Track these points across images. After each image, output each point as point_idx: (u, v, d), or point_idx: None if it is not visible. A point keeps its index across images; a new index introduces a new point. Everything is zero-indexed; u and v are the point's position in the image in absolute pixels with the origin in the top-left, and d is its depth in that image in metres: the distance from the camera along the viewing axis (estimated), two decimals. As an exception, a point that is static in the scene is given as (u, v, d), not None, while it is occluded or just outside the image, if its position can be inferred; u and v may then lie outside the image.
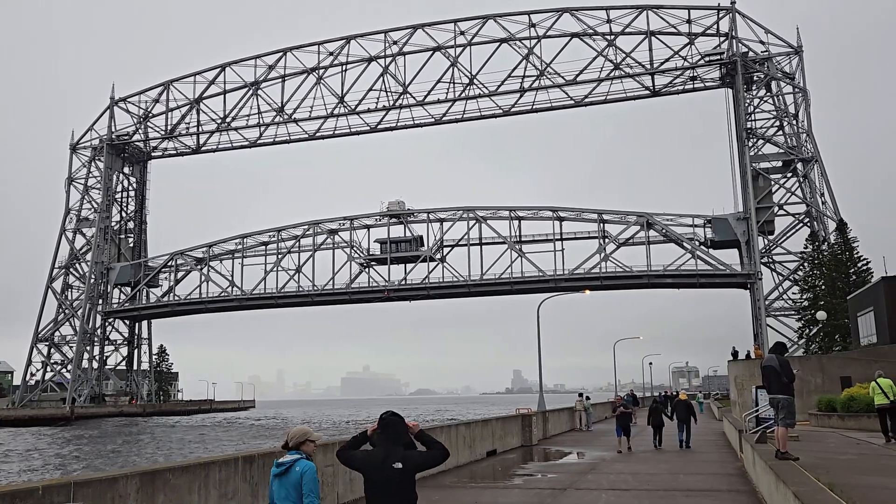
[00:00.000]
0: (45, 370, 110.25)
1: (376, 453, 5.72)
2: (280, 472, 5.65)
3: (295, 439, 5.82)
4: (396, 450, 5.67)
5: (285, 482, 5.60)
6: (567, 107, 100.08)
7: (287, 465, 5.65)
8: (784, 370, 12.76)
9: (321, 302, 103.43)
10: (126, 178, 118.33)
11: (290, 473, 5.62)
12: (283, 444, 5.91)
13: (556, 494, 14.33)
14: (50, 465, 38.57)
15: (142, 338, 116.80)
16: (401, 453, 5.66)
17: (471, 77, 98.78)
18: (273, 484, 5.67)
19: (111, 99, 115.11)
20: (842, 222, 73.17)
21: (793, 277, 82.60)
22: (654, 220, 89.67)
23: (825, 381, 34.52)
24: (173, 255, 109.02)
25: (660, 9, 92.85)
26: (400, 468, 5.58)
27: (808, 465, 11.72)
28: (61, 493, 7.00)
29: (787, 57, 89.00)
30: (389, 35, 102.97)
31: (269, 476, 5.81)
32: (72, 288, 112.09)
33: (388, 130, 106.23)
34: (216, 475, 9.56)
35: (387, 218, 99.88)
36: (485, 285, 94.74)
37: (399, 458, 5.61)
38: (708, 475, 17.30)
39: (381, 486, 5.60)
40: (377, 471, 5.63)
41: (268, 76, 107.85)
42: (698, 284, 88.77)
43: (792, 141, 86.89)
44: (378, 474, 5.62)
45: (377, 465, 5.64)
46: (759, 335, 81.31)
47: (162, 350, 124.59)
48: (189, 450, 46.49)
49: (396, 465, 5.58)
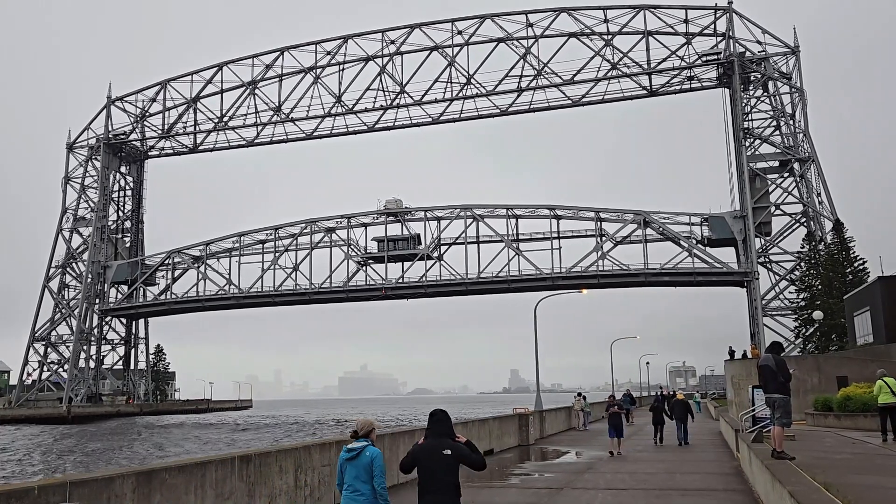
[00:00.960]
0: (41, 370, 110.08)
1: (428, 443, 6.74)
2: (351, 456, 6.70)
3: (364, 429, 6.90)
4: (444, 441, 6.71)
5: (356, 464, 6.65)
6: (564, 106, 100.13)
7: (358, 451, 6.69)
8: (781, 370, 12.78)
9: (319, 300, 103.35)
10: (123, 178, 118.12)
11: (360, 457, 6.66)
12: (353, 433, 6.95)
13: (552, 494, 14.34)
14: (46, 461, 38.50)
15: (139, 337, 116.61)
16: (449, 444, 6.69)
17: (468, 77, 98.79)
18: (344, 466, 6.70)
19: (108, 98, 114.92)
20: (838, 222, 73.26)
21: (789, 277, 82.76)
22: (651, 219, 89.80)
23: (821, 381, 34.58)
24: (170, 254, 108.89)
25: (657, 8, 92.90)
26: (448, 454, 6.61)
27: (804, 464, 11.74)
28: (57, 493, 7.00)
29: (784, 57, 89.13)
30: (387, 35, 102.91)
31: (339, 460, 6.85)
32: (68, 287, 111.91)
33: (386, 130, 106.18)
34: (212, 475, 9.56)
35: (384, 216, 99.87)
36: (482, 283, 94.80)
37: (448, 447, 6.65)
38: (704, 474, 17.33)
39: (432, 470, 6.60)
40: (428, 457, 6.65)
41: (265, 75, 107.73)
42: (695, 283, 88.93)
43: (789, 141, 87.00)
44: (429, 460, 6.63)
45: (429, 452, 6.67)
46: (755, 335, 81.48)
47: (159, 349, 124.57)
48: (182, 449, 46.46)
49: (446, 452, 6.63)
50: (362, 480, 6.59)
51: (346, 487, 6.66)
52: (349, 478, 6.65)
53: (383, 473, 6.67)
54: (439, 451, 6.63)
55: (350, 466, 6.67)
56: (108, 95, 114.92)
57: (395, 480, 14.61)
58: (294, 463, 11.58)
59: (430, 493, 6.58)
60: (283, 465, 11.24)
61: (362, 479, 6.60)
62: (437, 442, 6.71)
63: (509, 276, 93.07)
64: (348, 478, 6.66)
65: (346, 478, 6.67)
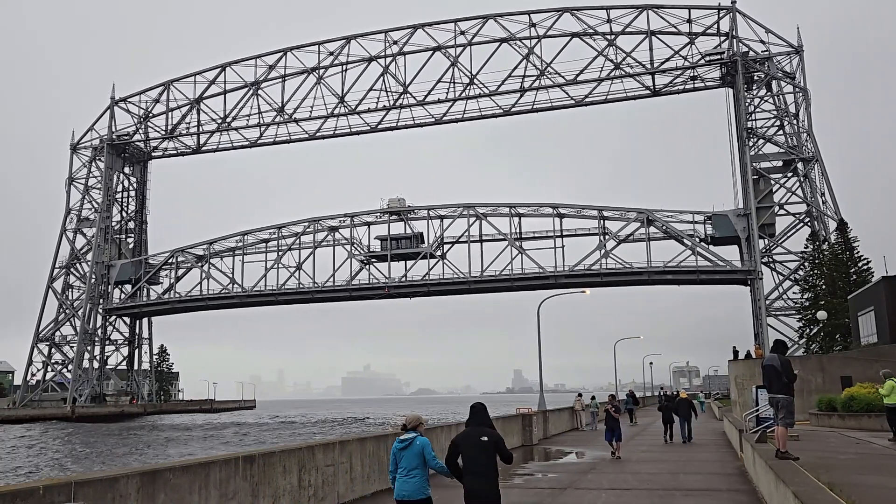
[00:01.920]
0: (45, 370, 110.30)
1: (468, 431, 7.93)
2: (404, 446, 7.90)
3: (413, 423, 8.18)
4: (482, 429, 7.86)
5: (409, 452, 7.86)
6: (567, 107, 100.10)
7: (409, 441, 7.90)
8: (785, 370, 12.74)
9: (322, 299, 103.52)
10: (126, 178, 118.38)
11: (412, 446, 7.85)
12: (402, 426, 8.21)
13: (555, 494, 14.34)
14: (50, 460, 38.59)
15: (142, 337, 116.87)
16: (486, 431, 7.84)
17: (471, 77, 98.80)
18: (399, 455, 7.89)
19: (111, 99, 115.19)
20: (842, 222, 73.13)
21: (793, 277, 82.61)
22: (655, 217, 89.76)
23: (825, 381, 34.53)
24: (174, 253, 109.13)
25: (660, 8, 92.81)
26: (486, 440, 7.74)
27: (807, 464, 11.72)
28: (62, 493, 7.02)
29: (788, 56, 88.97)
30: (390, 35, 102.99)
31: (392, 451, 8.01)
32: (72, 288, 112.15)
33: (389, 130, 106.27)
34: (216, 475, 9.58)
35: (387, 215, 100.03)
36: (485, 282, 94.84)
37: (486, 434, 7.78)
38: (708, 475, 17.31)
39: (473, 454, 7.73)
40: (469, 443, 7.79)
41: (268, 76, 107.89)
42: (698, 281, 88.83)
43: (792, 140, 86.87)
44: (469, 446, 7.78)
45: (469, 438, 7.81)
46: (759, 335, 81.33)
47: (163, 350, 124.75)
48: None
49: (483, 439, 7.76)
50: (415, 465, 7.82)
51: (401, 472, 7.86)
52: (404, 463, 7.85)
53: (434, 456, 7.88)
54: (478, 438, 7.77)
55: (404, 455, 7.88)
56: (111, 96, 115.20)
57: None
58: (298, 463, 11.60)
59: (472, 473, 7.68)
60: (286, 465, 11.26)
61: (415, 463, 7.82)
62: (477, 430, 7.86)
63: (512, 275, 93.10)
64: (403, 463, 7.86)
65: (401, 464, 7.87)
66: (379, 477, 14.71)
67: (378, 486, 14.58)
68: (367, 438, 14.54)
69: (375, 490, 14.40)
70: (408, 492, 7.78)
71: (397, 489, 7.88)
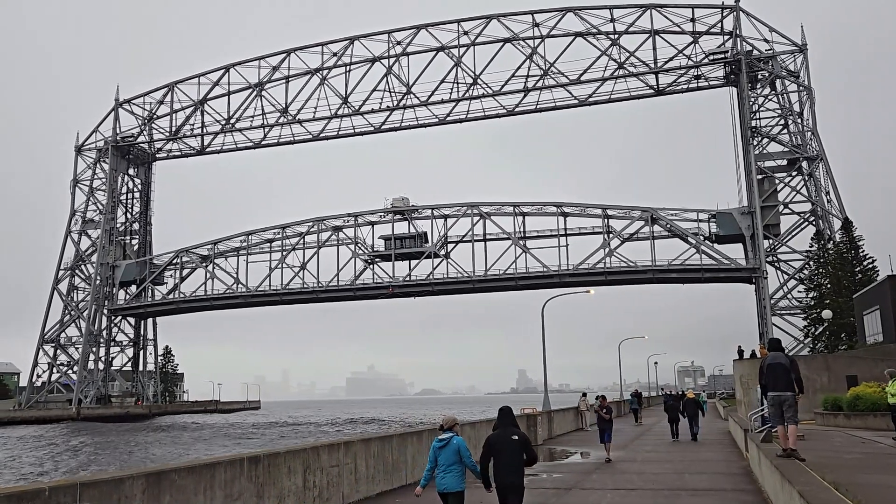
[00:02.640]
0: (51, 371, 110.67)
1: (499, 431, 8.94)
2: (442, 444, 8.90)
3: (449, 423, 9.25)
4: (511, 429, 8.92)
5: (447, 450, 8.85)
6: (571, 106, 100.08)
7: (446, 440, 8.89)
8: (793, 367, 12.69)
9: (326, 298, 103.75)
10: (131, 180, 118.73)
11: (449, 445, 8.84)
12: (440, 426, 9.29)
13: (560, 494, 14.33)
14: (55, 462, 38.71)
15: (147, 339, 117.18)
16: (515, 431, 8.89)
17: (474, 77, 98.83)
18: (438, 453, 8.88)
19: (116, 101, 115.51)
20: (847, 221, 72.93)
21: (798, 276, 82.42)
22: (659, 215, 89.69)
23: (831, 380, 34.40)
24: (178, 253, 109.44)
25: (663, 7, 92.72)
26: (516, 439, 8.76)
27: (813, 464, 11.70)
28: (68, 494, 7.04)
29: (792, 55, 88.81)
30: (393, 35, 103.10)
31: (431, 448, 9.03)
32: (77, 289, 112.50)
33: (392, 131, 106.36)
34: (221, 476, 9.60)
35: (391, 214, 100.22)
36: (489, 281, 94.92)
37: (515, 434, 8.82)
38: (713, 474, 17.28)
39: (504, 451, 8.72)
40: (501, 443, 8.79)
41: (272, 77, 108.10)
42: (703, 279, 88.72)
43: (797, 139, 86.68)
44: (501, 443, 8.77)
45: (500, 437, 8.83)
46: (764, 334, 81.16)
47: (167, 351, 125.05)
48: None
49: (514, 438, 8.77)
50: (453, 461, 8.81)
51: (440, 468, 8.84)
52: (442, 460, 8.85)
53: (469, 453, 8.90)
54: (509, 437, 8.78)
55: (442, 452, 8.87)
56: (115, 98, 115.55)
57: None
58: (303, 464, 11.62)
59: (503, 468, 8.65)
60: (291, 465, 11.28)
61: (453, 460, 8.81)
62: (507, 430, 8.90)
63: (516, 274, 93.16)
64: (441, 460, 8.85)
65: (440, 460, 8.86)
66: (384, 478, 14.71)
67: (383, 486, 14.58)
68: (371, 439, 14.54)
69: (380, 491, 14.40)
70: (447, 485, 8.82)
71: (438, 482, 8.87)
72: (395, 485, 15.16)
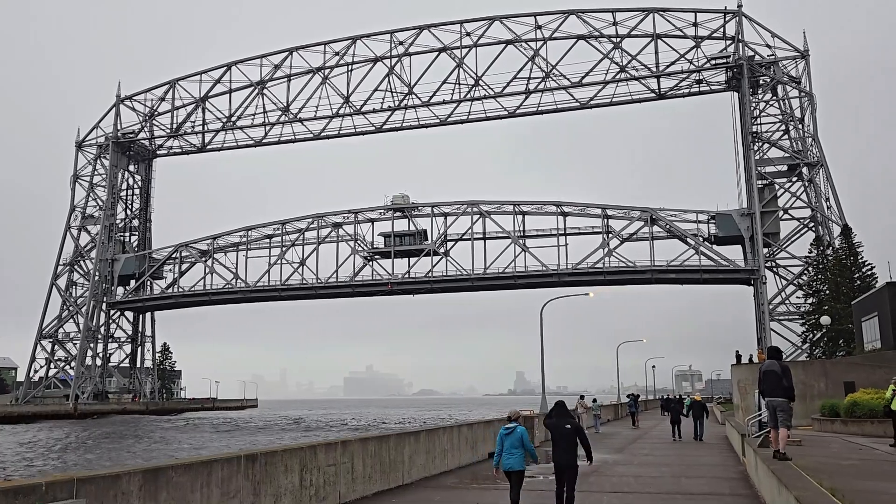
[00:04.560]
0: (48, 367, 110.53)
1: (557, 420, 11.34)
2: (508, 432, 11.13)
3: (514, 415, 11.76)
4: (566, 419, 11.30)
5: (512, 437, 11.10)
6: (572, 109, 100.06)
7: (512, 429, 11.15)
8: (786, 375, 13.01)
9: (325, 295, 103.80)
10: (131, 176, 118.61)
11: (514, 433, 11.09)
12: (507, 417, 11.76)
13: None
14: (51, 456, 38.65)
15: (145, 335, 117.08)
16: (570, 421, 11.25)
17: (476, 78, 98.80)
18: (504, 439, 11.12)
19: (117, 97, 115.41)
20: (847, 227, 72.90)
21: (797, 282, 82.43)
22: (658, 216, 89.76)
23: (828, 386, 34.39)
24: (178, 247, 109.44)
25: (666, 11, 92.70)
26: (569, 428, 11.11)
27: (810, 469, 11.70)
28: (64, 490, 7.03)
29: (794, 61, 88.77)
30: (395, 35, 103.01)
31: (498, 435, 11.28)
32: (76, 285, 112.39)
33: (393, 131, 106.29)
34: (218, 473, 9.59)
35: (391, 212, 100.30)
36: (488, 279, 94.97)
37: (569, 423, 11.20)
38: (710, 479, 17.28)
39: (562, 438, 11.09)
40: (558, 430, 11.18)
41: (273, 75, 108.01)
42: (701, 280, 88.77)
43: (797, 145, 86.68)
44: (559, 431, 11.16)
45: (558, 426, 11.22)
46: (762, 339, 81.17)
47: (165, 348, 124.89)
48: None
49: (567, 426, 11.11)
50: (516, 446, 11.10)
51: (507, 451, 11.07)
52: (507, 445, 11.09)
53: (529, 440, 11.21)
54: (563, 426, 11.14)
55: (508, 438, 11.12)
56: (117, 94, 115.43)
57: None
58: (299, 463, 11.61)
59: (561, 449, 11.05)
60: (288, 464, 11.27)
61: (516, 445, 11.09)
62: (561, 420, 11.26)
63: (515, 273, 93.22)
64: (507, 444, 11.10)
65: (506, 445, 11.09)
66: (381, 477, 14.69)
67: (380, 486, 14.57)
68: (368, 438, 14.53)
69: (377, 490, 14.39)
70: (512, 464, 11.10)
71: (504, 462, 11.12)
72: (391, 484, 15.15)
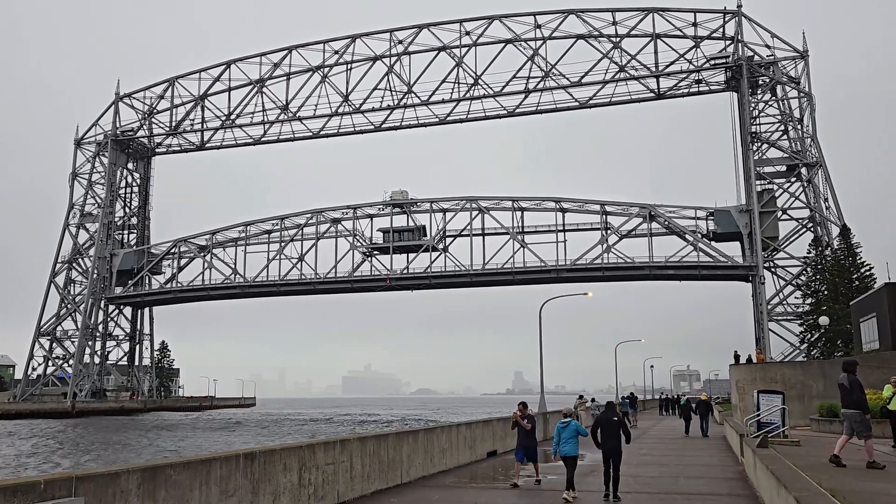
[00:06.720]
0: (46, 364, 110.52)
1: (605, 414, 13.94)
2: (564, 426, 14.07)
3: (569, 412, 14.73)
4: (612, 413, 13.82)
5: (568, 429, 14.04)
6: (571, 108, 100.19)
7: (567, 423, 14.09)
8: (853, 388, 13.99)
9: (323, 290, 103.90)
10: (130, 174, 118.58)
11: (569, 426, 14.04)
12: (563, 414, 14.63)
13: (556, 495, 14.31)
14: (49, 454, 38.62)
15: (144, 333, 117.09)
16: (615, 414, 13.77)
17: (476, 77, 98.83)
18: (561, 431, 14.05)
19: (116, 94, 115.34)
20: (845, 227, 72.98)
21: (795, 282, 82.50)
22: (657, 212, 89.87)
23: (827, 387, 34.35)
24: (176, 243, 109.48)
25: (666, 11, 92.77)
26: (615, 420, 13.56)
27: (809, 470, 11.70)
28: (63, 488, 7.02)
29: (793, 61, 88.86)
30: (395, 34, 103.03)
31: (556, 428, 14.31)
32: (74, 283, 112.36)
33: (392, 130, 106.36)
34: (217, 472, 9.58)
35: (390, 207, 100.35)
36: (487, 275, 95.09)
37: (615, 416, 13.66)
38: (709, 479, 17.28)
39: (608, 430, 13.51)
40: (604, 422, 13.64)
41: (273, 74, 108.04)
42: (700, 276, 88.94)
43: (796, 145, 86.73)
44: (606, 423, 13.60)
45: (605, 419, 13.72)
46: (760, 339, 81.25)
47: (164, 346, 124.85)
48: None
49: (614, 419, 13.57)
50: (572, 436, 13.99)
51: (563, 440, 13.96)
52: (565, 435, 13.99)
53: (584, 431, 14.24)
54: (611, 419, 13.58)
55: (564, 430, 14.01)
56: (116, 92, 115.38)
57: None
58: (298, 461, 11.59)
59: (608, 438, 13.41)
60: (287, 463, 11.25)
61: (572, 435, 13.98)
62: (609, 413, 13.78)
63: (514, 269, 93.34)
64: (564, 435, 13.99)
65: (563, 436, 13.99)
66: (379, 476, 14.68)
67: (378, 485, 14.56)
68: (367, 437, 14.51)
69: (375, 489, 14.38)
70: (567, 451, 13.92)
71: (562, 450, 13.96)
72: (390, 483, 15.13)
